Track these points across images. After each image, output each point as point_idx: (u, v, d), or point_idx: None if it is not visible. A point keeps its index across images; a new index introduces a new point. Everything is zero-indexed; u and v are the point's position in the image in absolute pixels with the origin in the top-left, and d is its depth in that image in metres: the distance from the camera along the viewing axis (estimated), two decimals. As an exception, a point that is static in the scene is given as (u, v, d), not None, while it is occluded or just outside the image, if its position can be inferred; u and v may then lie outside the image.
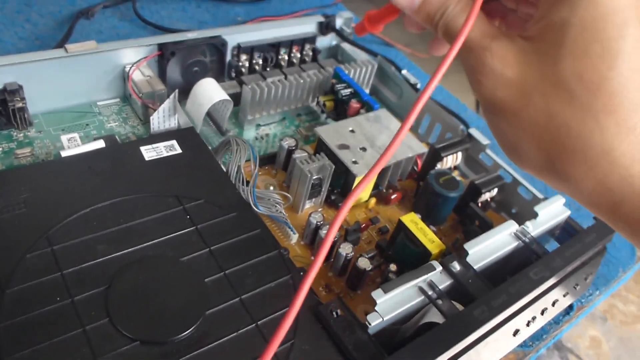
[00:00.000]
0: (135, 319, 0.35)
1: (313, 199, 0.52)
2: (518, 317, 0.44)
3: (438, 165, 0.55)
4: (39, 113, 0.54)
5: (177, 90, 0.53)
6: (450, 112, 0.62)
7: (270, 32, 0.65)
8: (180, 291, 0.37)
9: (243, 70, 0.64)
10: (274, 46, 0.66)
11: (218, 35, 0.60)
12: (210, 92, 0.55)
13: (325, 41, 0.70)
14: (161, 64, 0.58)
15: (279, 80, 0.60)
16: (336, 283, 0.47)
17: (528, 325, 0.46)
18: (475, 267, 0.44)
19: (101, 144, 0.47)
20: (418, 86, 0.64)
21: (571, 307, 0.54)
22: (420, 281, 0.41)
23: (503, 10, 0.29)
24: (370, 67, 0.65)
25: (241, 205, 0.44)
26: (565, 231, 0.53)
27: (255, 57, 0.65)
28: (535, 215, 0.51)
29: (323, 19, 0.68)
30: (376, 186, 0.54)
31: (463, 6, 0.24)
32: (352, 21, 0.71)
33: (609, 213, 0.23)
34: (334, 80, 0.61)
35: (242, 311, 0.37)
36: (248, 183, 0.47)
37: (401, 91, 0.67)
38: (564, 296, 0.49)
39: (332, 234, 0.25)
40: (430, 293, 0.41)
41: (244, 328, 0.36)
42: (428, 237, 0.46)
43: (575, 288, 0.50)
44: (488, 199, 0.55)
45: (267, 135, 0.60)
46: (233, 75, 0.64)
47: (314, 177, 0.49)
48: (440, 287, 0.42)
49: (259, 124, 0.61)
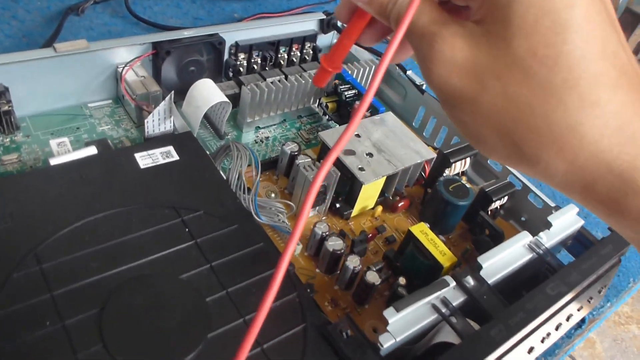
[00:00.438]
0: (131, 345, 0.32)
1: (317, 207, 0.49)
2: (534, 335, 0.42)
3: (446, 171, 0.53)
4: (27, 116, 0.51)
5: (173, 91, 0.51)
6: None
7: (269, 30, 0.62)
8: (179, 312, 0.35)
9: (241, 69, 0.62)
10: (273, 44, 0.63)
11: (215, 33, 0.57)
12: (207, 94, 0.52)
13: (326, 39, 0.68)
14: (156, 64, 0.55)
15: (279, 80, 0.58)
16: (342, 297, 0.45)
17: (542, 341, 0.44)
18: (489, 282, 0.42)
19: (93, 151, 0.44)
20: (424, 87, 0.62)
21: (583, 321, 0.52)
22: (433, 298, 0.39)
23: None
24: (373, 67, 0.63)
25: (242, 216, 0.42)
26: (578, 241, 0.51)
27: (253, 56, 0.62)
28: (548, 225, 0.49)
29: (324, 16, 0.65)
30: (382, 193, 0.51)
31: None
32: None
33: (583, 194, 0.22)
34: (337, 81, 0.58)
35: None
36: (249, 191, 0.45)
37: (405, 92, 0.64)
38: (578, 310, 0.47)
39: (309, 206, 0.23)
40: (443, 310, 0.39)
41: (250, 352, 0.34)
42: (439, 249, 0.44)
43: (589, 301, 0.48)
44: (498, 207, 0.53)
45: (267, 138, 0.58)
46: (231, 74, 0.61)
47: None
48: (454, 304, 0.40)
49: (259, 127, 0.58)
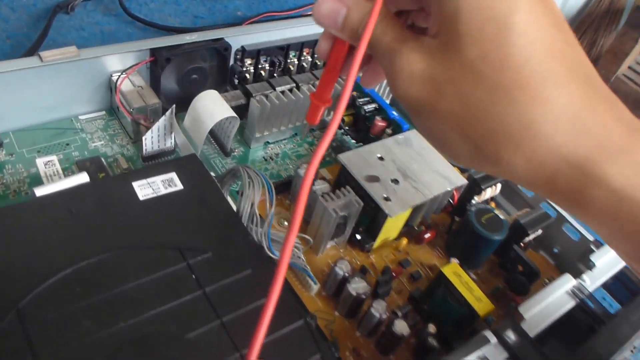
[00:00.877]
0: None
1: (335, 239, 0.44)
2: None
3: (475, 197, 0.48)
4: (10, 131, 0.45)
5: (174, 106, 0.45)
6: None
7: (278, 33, 0.57)
8: (187, 382, 0.30)
9: (247, 76, 0.56)
10: (283, 49, 0.58)
11: (220, 38, 0.52)
12: (213, 108, 0.47)
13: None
14: (154, 72, 0.50)
15: (290, 90, 0.52)
16: (365, 345, 0.40)
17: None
18: (532, 335, 0.38)
19: (84, 178, 0.38)
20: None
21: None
22: (472, 358, 0.35)
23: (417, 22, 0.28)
24: (392, 77, 0.57)
25: (256, 257, 0.37)
26: (619, 282, 0.46)
27: (261, 62, 0.57)
28: (586, 261, 0.45)
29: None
30: (407, 223, 0.46)
31: (382, 17, 0.24)
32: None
33: (547, 189, 0.23)
34: (356, 92, 0.53)
35: (265, 406, 0.30)
36: (262, 222, 0.40)
37: (426, 104, 0.59)
38: None
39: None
40: (484, 372, 0.35)
41: None
42: (475, 295, 0.40)
43: (632, 351, 0.44)
44: (532, 240, 0.48)
45: (277, 155, 0.52)
46: (236, 82, 0.56)
47: (340, 216, 0.42)
48: (494, 363, 0.35)
49: (268, 142, 0.53)
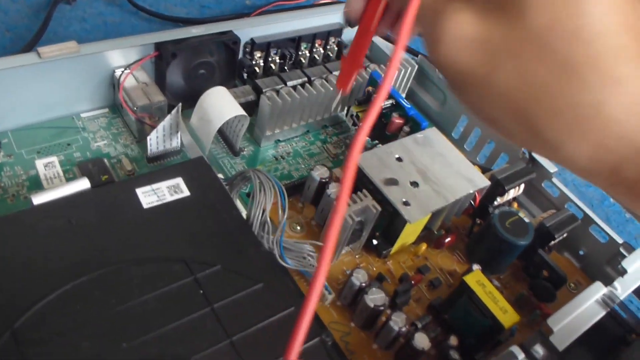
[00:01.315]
0: None
1: (351, 245, 0.42)
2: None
3: (497, 198, 0.46)
4: (8, 130, 0.43)
5: (180, 104, 0.43)
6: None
7: (288, 25, 0.54)
8: (195, 410, 0.28)
9: (257, 70, 0.53)
10: (294, 41, 0.55)
11: (229, 30, 0.49)
12: (221, 107, 0.44)
13: (352, 33, 0.59)
14: (159, 67, 0.47)
15: (302, 85, 0.50)
16: (383, 359, 0.38)
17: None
18: (560, 349, 0.35)
19: (85, 184, 0.36)
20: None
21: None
22: (500, 376, 0.32)
23: None
24: (409, 69, 0.55)
25: (268, 269, 0.35)
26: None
27: (271, 54, 0.54)
28: (616, 266, 0.42)
29: (352, 8, 0.57)
30: (426, 227, 0.44)
31: None
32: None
33: (609, 180, 0.20)
34: (371, 88, 0.50)
35: None
36: (274, 229, 0.38)
37: (445, 98, 0.56)
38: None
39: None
40: (512, 392, 0.32)
41: None
42: (499, 305, 0.37)
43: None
44: (557, 242, 0.46)
45: (289, 154, 0.50)
46: (245, 76, 0.53)
47: (356, 222, 0.39)
48: (522, 381, 0.33)
49: (279, 140, 0.51)
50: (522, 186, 0.47)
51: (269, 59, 0.54)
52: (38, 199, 0.34)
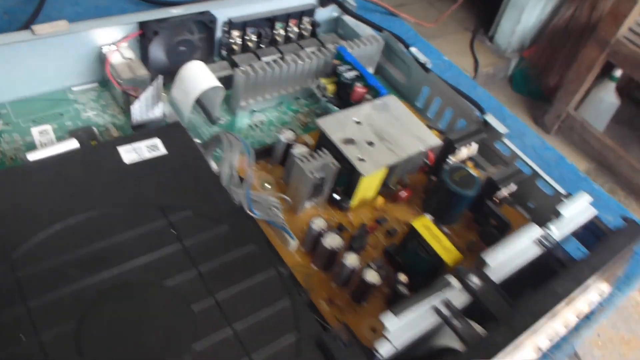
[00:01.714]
0: (112, 359, 0.30)
1: (314, 199, 0.47)
2: (541, 335, 0.40)
3: (451, 157, 0.50)
4: (7, 102, 0.48)
5: (161, 76, 0.47)
6: (463, 96, 0.56)
7: (264, 5, 0.59)
8: (164, 322, 0.33)
9: (235, 47, 0.58)
10: (269, 20, 0.60)
11: (206, 10, 0.54)
12: (198, 79, 0.49)
13: (324, 13, 0.64)
14: (143, 44, 0.52)
15: (275, 60, 0.54)
16: (339, 295, 0.43)
17: (551, 340, 0.42)
18: (495, 280, 0.40)
19: (74, 144, 0.41)
20: (429, 65, 0.58)
21: (591, 312, 0.50)
22: (434, 299, 0.37)
23: None
24: (375, 44, 0.59)
25: (234, 214, 0.40)
26: (589, 231, 0.48)
27: (248, 33, 0.59)
28: (557, 214, 0.46)
29: (323, -11, 0.61)
30: (384, 183, 0.49)
31: None
32: (355, -9, 0.65)
33: None
34: (337, 61, 0.55)
35: (235, 344, 0.33)
36: (242, 184, 0.42)
37: (409, 71, 0.61)
38: (588, 305, 0.45)
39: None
40: (446, 313, 0.37)
41: (238, 366, 0.32)
42: (442, 245, 0.42)
43: (600, 295, 0.46)
44: (506, 195, 0.50)
45: (262, 122, 0.55)
46: (224, 53, 0.58)
47: (316, 177, 0.44)
48: (457, 306, 0.37)
49: (253, 110, 0.55)
50: (476, 146, 0.52)
51: (246, 38, 0.59)
52: (33, 156, 0.39)
